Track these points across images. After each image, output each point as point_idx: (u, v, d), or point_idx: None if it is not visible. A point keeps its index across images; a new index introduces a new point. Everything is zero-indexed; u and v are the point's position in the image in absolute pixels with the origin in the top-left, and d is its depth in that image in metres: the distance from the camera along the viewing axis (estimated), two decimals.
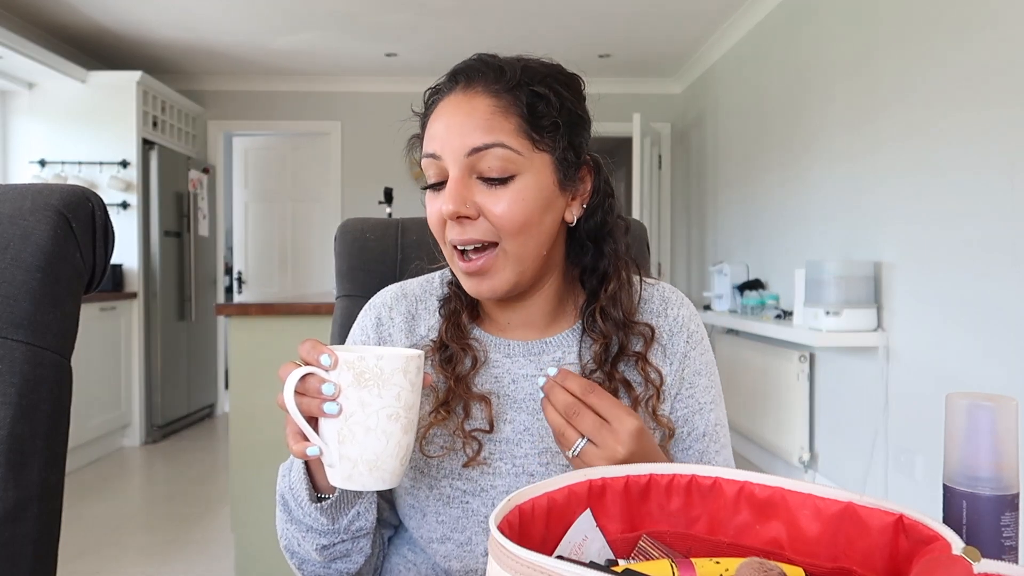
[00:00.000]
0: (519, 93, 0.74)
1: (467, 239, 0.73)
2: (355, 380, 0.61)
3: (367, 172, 5.42)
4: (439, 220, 0.75)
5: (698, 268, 5.02)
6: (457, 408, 0.79)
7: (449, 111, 0.75)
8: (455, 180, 0.73)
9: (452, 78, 0.77)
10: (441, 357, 0.81)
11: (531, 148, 0.74)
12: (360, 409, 0.61)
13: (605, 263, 0.81)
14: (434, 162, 0.75)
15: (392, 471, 0.63)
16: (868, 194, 2.86)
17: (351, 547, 0.75)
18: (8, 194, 0.64)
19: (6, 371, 0.59)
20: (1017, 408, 0.52)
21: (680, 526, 0.53)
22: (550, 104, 0.75)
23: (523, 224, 0.73)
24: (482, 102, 0.74)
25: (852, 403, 2.95)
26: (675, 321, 0.84)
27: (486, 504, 0.77)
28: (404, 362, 0.62)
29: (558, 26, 4.27)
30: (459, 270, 0.77)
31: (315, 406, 0.62)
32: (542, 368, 0.81)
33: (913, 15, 2.59)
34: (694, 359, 0.84)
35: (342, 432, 0.62)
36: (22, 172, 4.36)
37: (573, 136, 0.77)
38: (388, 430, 0.62)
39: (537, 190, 0.74)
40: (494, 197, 0.73)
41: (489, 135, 0.72)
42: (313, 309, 2.34)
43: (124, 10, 4.06)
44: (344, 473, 0.63)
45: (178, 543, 2.81)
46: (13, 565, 0.59)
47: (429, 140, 0.76)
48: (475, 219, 0.73)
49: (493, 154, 0.72)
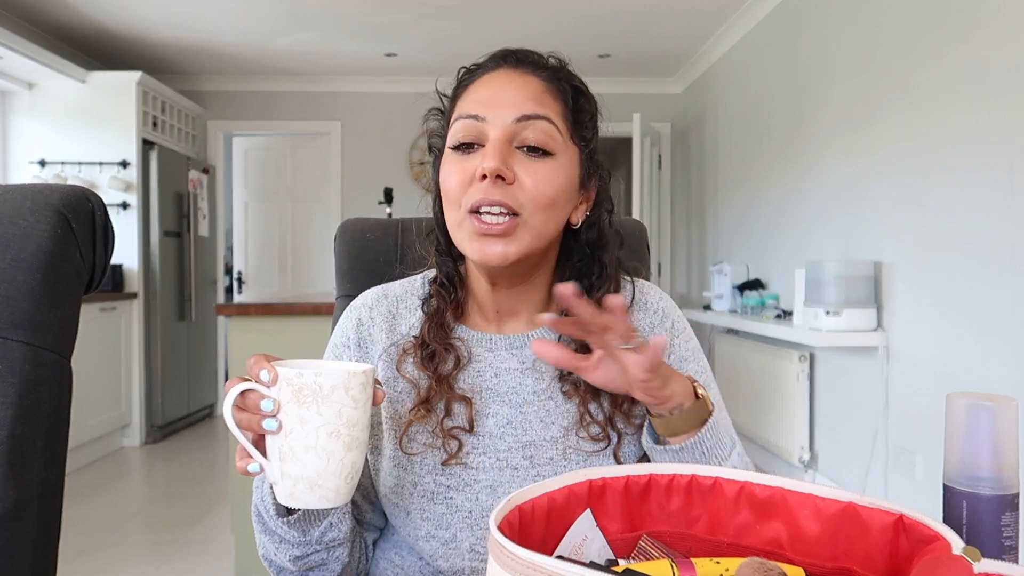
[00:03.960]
0: (564, 84, 0.78)
1: (495, 200, 0.72)
2: (294, 397, 0.59)
3: (367, 172, 5.41)
4: (463, 181, 0.74)
5: (698, 268, 5.02)
6: (438, 406, 0.78)
7: (499, 80, 0.76)
8: (498, 140, 0.73)
9: (501, 57, 0.79)
10: (423, 354, 0.80)
11: (569, 136, 0.76)
12: (299, 426, 0.60)
13: (596, 272, 0.82)
14: (474, 124, 0.74)
15: (335, 489, 0.62)
16: (868, 194, 2.85)
17: (326, 556, 0.74)
18: (8, 194, 0.64)
19: (6, 371, 0.59)
20: (1017, 408, 0.52)
21: (680, 526, 0.53)
22: (589, 103, 0.79)
23: (552, 200, 0.74)
24: (534, 80, 0.76)
25: (852, 403, 2.95)
26: (655, 313, 0.85)
27: (470, 499, 0.77)
28: (345, 379, 0.60)
29: (558, 26, 4.27)
30: (472, 231, 0.74)
31: (255, 422, 0.61)
32: (524, 362, 0.81)
33: (913, 15, 2.58)
34: (680, 347, 0.84)
35: (283, 449, 0.61)
36: (22, 172, 4.36)
37: (596, 142, 0.81)
38: (329, 448, 0.60)
39: (567, 177, 0.76)
40: (531, 168, 0.73)
41: (540, 107, 0.74)
42: (313, 309, 2.34)
43: (124, 10, 4.06)
44: (286, 491, 0.62)
45: (178, 543, 2.81)
46: (13, 565, 0.59)
47: (471, 103, 0.76)
48: (509, 184, 0.72)
49: (539, 126, 0.73)
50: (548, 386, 0.81)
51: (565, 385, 0.80)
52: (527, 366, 0.81)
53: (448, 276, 0.83)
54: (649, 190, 5.02)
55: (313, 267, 5.70)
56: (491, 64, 0.79)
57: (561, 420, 0.79)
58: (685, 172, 5.28)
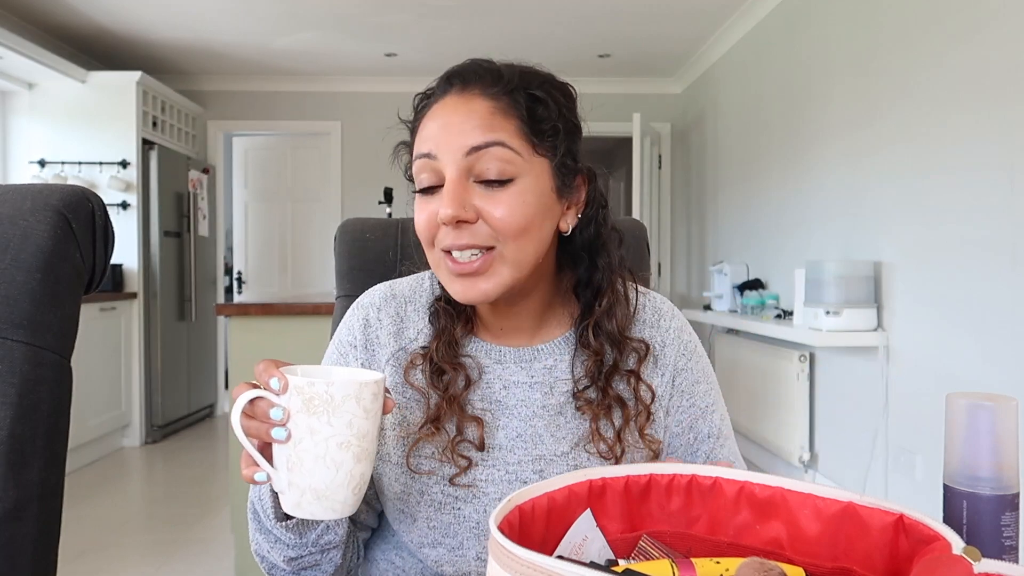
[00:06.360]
0: (518, 96, 0.72)
1: (463, 244, 0.70)
2: (304, 406, 0.58)
3: (367, 172, 5.41)
4: (430, 225, 0.72)
5: (698, 268, 5.02)
6: (448, 425, 0.77)
7: (446, 111, 0.72)
8: (453, 182, 0.70)
9: (447, 81, 0.75)
10: (432, 369, 0.78)
11: (531, 152, 0.72)
12: (309, 436, 0.59)
13: (599, 276, 0.80)
14: (428, 163, 0.72)
15: (343, 501, 0.61)
16: (868, 194, 2.85)
17: (320, 558, 0.73)
18: (8, 194, 0.64)
19: (6, 371, 0.59)
20: (1017, 408, 0.52)
21: (680, 526, 0.53)
22: (549, 109, 0.73)
23: (523, 228, 0.71)
24: (481, 103, 0.72)
25: (852, 403, 2.95)
26: (667, 332, 0.84)
27: (478, 511, 0.76)
28: (357, 389, 0.59)
29: (558, 26, 4.27)
30: (449, 273, 0.73)
31: (263, 431, 0.60)
32: (533, 376, 0.80)
33: (913, 15, 2.58)
34: (691, 370, 0.84)
35: (291, 459, 0.60)
36: (22, 172, 4.36)
37: (570, 143, 0.76)
38: (338, 459, 0.59)
39: (537, 194, 0.72)
40: (493, 200, 0.70)
41: (489, 133, 0.70)
42: (313, 309, 2.34)
43: (124, 10, 4.06)
44: (293, 501, 0.61)
45: (178, 543, 2.81)
46: (13, 565, 0.59)
47: (423, 141, 0.73)
48: (473, 223, 0.70)
49: (493, 154, 0.69)
50: (558, 400, 0.79)
51: (579, 401, 0.79)
52: (535, 379, 0.80)
53: (449, 299, 0.81)
54: (649, 190, 5.02)
55: (313, 267, 5.70)
56: (439, 91, 0.75)
57: (571, 435, 0.78)
58: (685, 172, 5.28)
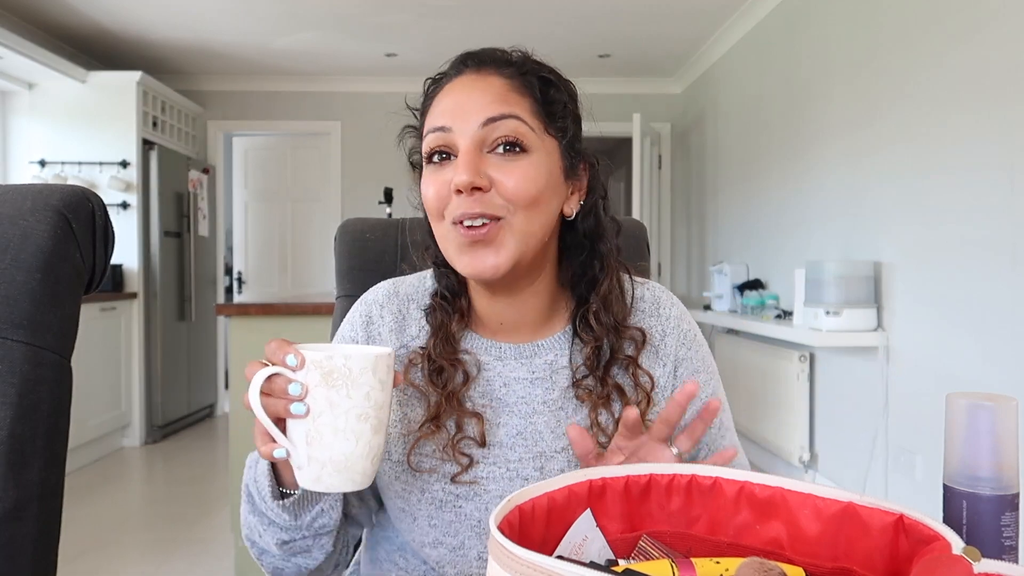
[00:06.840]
0: (531, 78, 0.75)
1: (475, 212, 0.70)
2: (323, 380, 0.59)
3: (367, 172, 5.41)
4: (441, 195, 0.73)
5: (698, 268, 5.02)
6: (448, 423, 0.77)
7: (462, 87, 0.74)
8: (468, 151, 0.71)
9: (461, 62, 0.77)
10: (430, 367, 0.79)
11: (543, 130, 0.74)
12: (328, 409, 0.60)
13: (597, 264, 0.80)
14: (442, 136, 0.73)
15: (363, 472, 0.62)
16: (868, 194, 2.85)
17: (312, 543, 0.73)
18: (8, 194, 0.64)
19: (6, 371, 0.59)
20: (1017, 408, 0.52)
21: (680, 526, 0.53)
22: (560, 92, 0.76)
23: (534, 198, 0.72)
24: (496, 80, 0.74)
25: (852, 403, 2.95)
26: (667, 321, 0.84)
27: (479, 508, 0.76)
28: (373, 361, 0.60)
29: (558, 26, 4.27)
30: (458, 246, 0.73)
31: (281, 407, 0.61)
32: (534, 372, 0.80)
33: (913, 15, 2.58)
34: (691, 359, 0.84)
35: (310, 433, 0.60)
36: (22, 172, 4.36)
37: (576, 129, 0.78)
38: (358, 430, 0.60)
39: (547, 171, 0.74)
40: (506, 170, 0.71)
41: (505, 107, 0.72)
42: (313, 309, 2.34)
43: (124, 10, 4.05)
44: (313, 475, 0.62)
45: (178, 543, 2.81)
46: (13, 565, 0.59)
47: (436, 116, 0.74)
48: (486, 191, 0.71)
49: (508, 125, 0.71)
50: (559, 396, 0.79)
51: (579, 389, 0.79)
52: (536, 375, 0.80)
53: (449, 288, 0.82)
54: (649, 190, 5.01)
55: (313, 267, 5.70)
56: (453, 71, 0.77)
57: None
58: (685, 172, 5.28)
